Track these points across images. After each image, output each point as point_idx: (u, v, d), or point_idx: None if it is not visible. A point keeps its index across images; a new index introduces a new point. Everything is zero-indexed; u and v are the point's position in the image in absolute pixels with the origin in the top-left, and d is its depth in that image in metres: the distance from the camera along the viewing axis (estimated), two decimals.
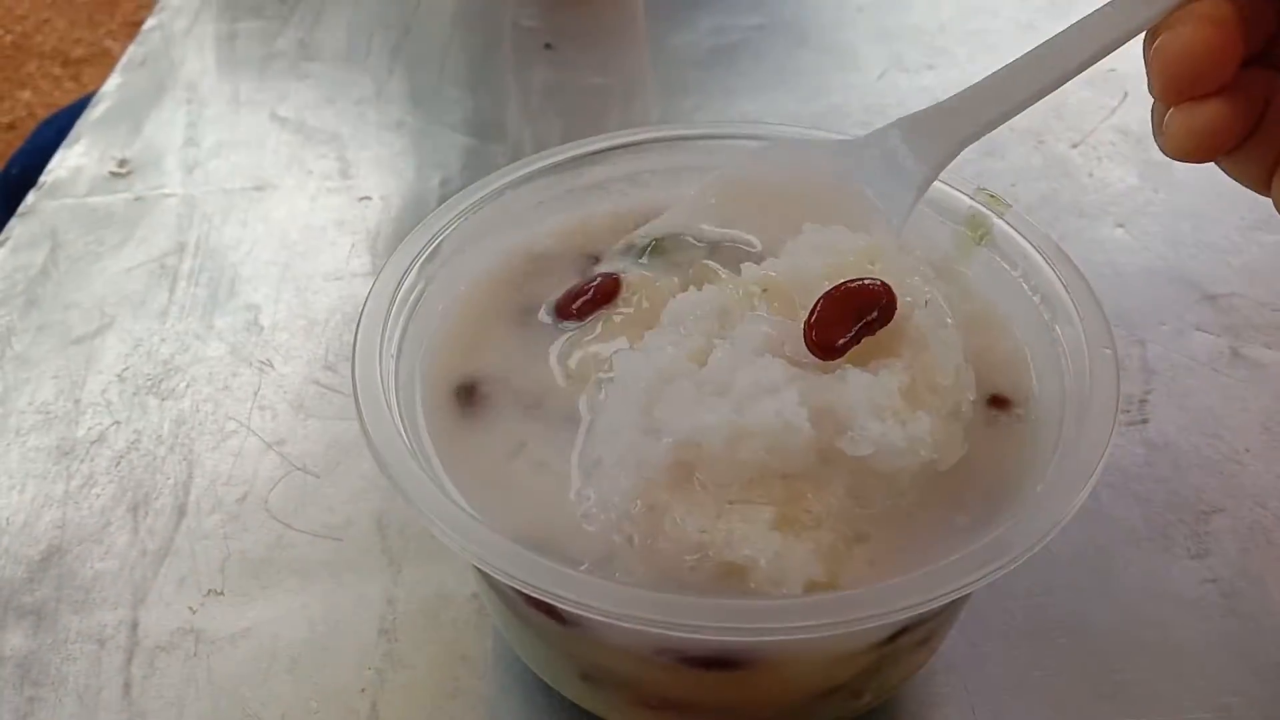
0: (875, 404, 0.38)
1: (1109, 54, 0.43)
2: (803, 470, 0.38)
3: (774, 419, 0.37)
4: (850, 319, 0.40)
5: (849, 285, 0.40)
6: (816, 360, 0.40)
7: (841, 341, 0.39)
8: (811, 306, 0.40)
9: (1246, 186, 0.42)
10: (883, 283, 0.40)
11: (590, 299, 0.47)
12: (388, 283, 0.45)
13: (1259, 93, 0.39)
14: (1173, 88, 0.39)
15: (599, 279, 0.47)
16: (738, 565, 0.37)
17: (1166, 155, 0.41)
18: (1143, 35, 0.41)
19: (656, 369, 0.40)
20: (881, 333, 0.40)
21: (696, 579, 0.37)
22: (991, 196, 0.49)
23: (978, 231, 0.49)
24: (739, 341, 0.40)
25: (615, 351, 0.44)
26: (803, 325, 0.40)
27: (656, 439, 0.38)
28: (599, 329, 0.46)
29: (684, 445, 0.37)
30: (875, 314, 0.40)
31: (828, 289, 0.40)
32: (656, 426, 0.38)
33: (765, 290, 0.43)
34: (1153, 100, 0.41)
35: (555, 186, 0.52)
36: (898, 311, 0.40)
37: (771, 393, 0.38)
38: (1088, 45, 0.43)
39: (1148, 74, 0.40)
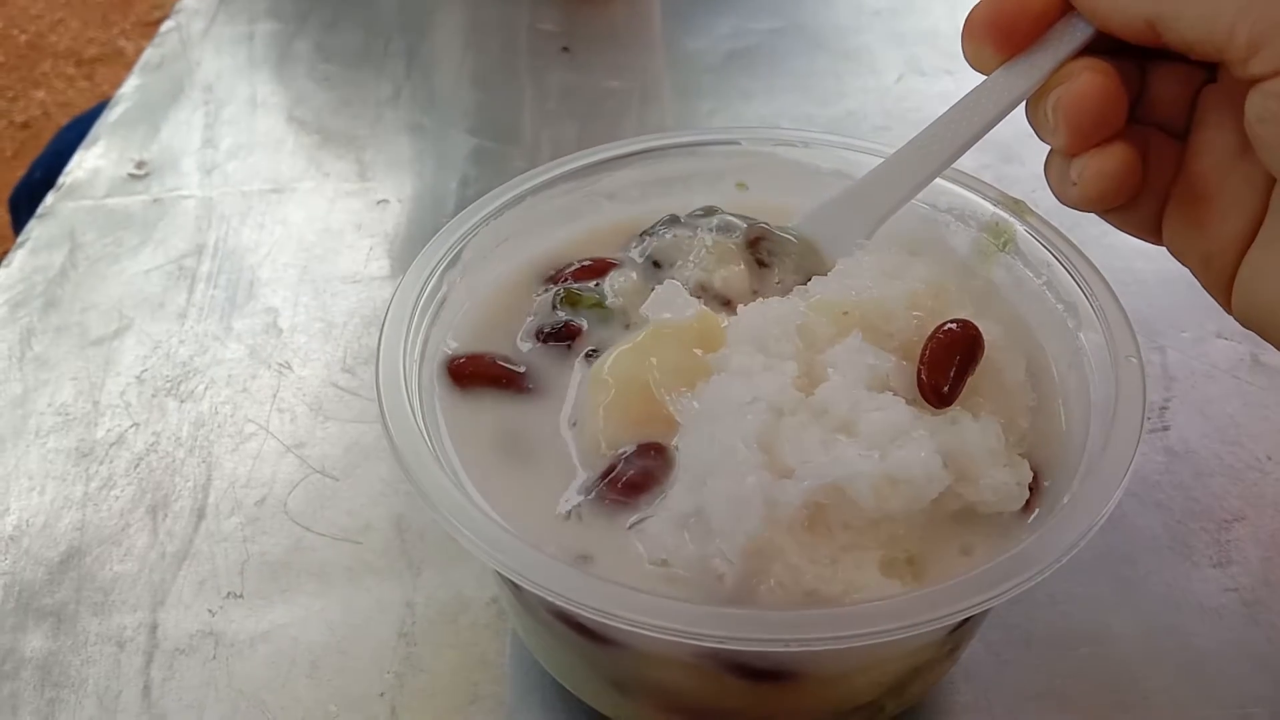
0: (991, 449, 0.39)
1: (997, 123, 0.44)
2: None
3: (919, 469, 0.37)
4: (954, 362, 0.41)
5: (950, 330, 0.41)
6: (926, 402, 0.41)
7: (948, 388, 0.40)
8: (921, 351, 0.41)
9: (1138, 237, 0.44)
10: (973, 324, 0.42)
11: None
12: (410, 289, 0.45)
13: (1139, 144, 0.41)
14: (1079, 135, 0.41)
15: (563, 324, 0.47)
16: None
17: (1074, 206, 0.42)
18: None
19: (765, 402, 0.39)
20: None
21: None
22: (1016, 202, 0.49)
23: (1000, 238, 0.49)
24: (846, 371, 0.40)
25: (711, 380, 0.42)
26: (916, 371, 0.41)
27: (790, 479, 0.37)
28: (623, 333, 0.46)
29: (826, 489, 0.37)
30: (974, 358, 0.41)
31: (930, 331, 0.41)
32: (784, 464, 0.37)
33: (846, 314, 0.43)
34: (1049, 162, 0.43)
35: (574, 192, 0.52)
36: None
37: (905, 436, 0.38)
38: (977, 119, 0.44)
39: (1046, 132, 0.42)
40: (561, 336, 0.46)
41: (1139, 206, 0.42)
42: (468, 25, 0.98)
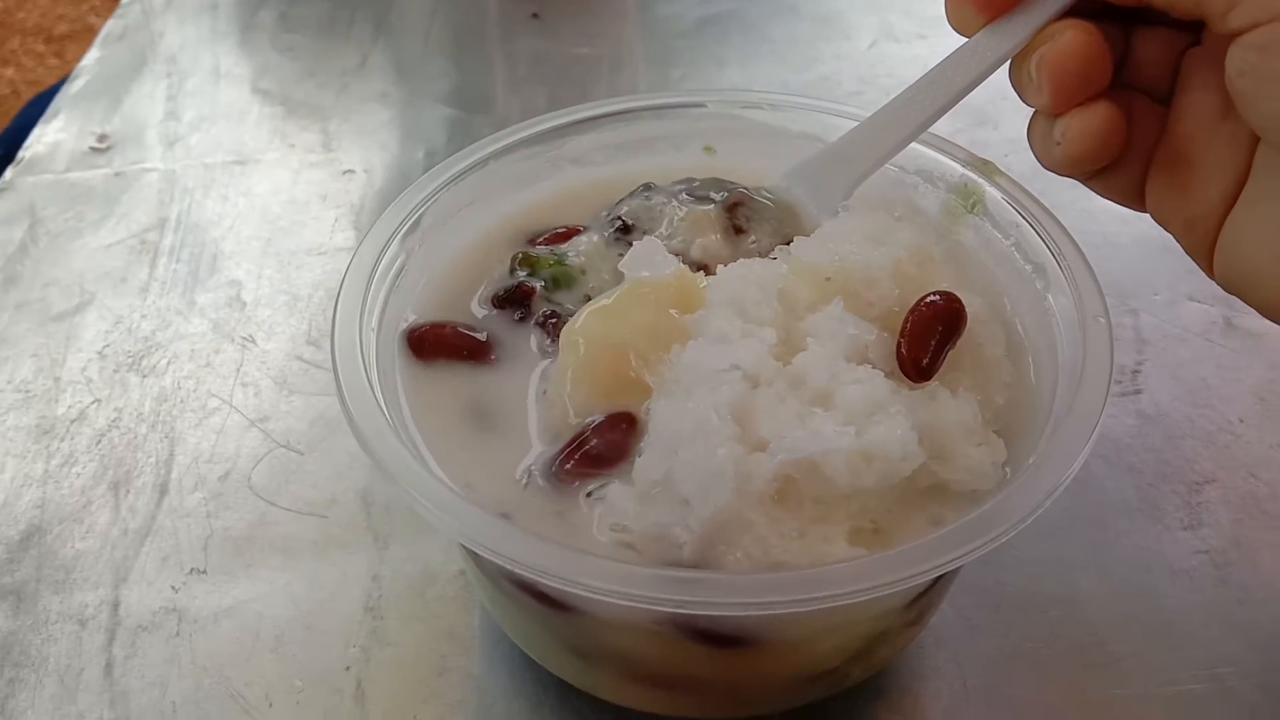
0: (967, 427, 0.39)
1: (979, 84, 0.44)
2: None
3: (895, 446, 0.36)
4: (935, 336, 0.40)
5: (933, 302, 0.41)
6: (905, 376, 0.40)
7: (927, 362, 0.40)
8: (902, 323, 0.40)
9: (1121, 204, 0.43)
10: (956, 297, 0.41)
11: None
12: (367, 256, 0.44)
13: (1123, 106, 0.41)
14: (1063, 92, 0.40)
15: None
16: None
17: (1058, 169, 0.42)
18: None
19: (742, 371, 0.38)
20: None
21: None
22: (984, 163, 0.48)
23: (969, 199, 0.48)
24: (825, 341, 0.39)
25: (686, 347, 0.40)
26: (894, 344, 0.40)
27: (764, 453, 0.36)
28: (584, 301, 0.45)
29: (799, 464, 0.36)
30: (956, 333, 0.41)
31: (912, 302, 0.41)
32: (758, 436, 0.37)
33: (828, 279, 0.42)
34: (1032, 124, 0.42)
35: (538, 157, 0.51)
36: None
37: (882, 411, 0.37)
38: (959, 79, 0.44)
39: (1029, 92, 0.41)
40: (515, 299, 0.45)
41: (1122, 172, 0.42)
42: None
